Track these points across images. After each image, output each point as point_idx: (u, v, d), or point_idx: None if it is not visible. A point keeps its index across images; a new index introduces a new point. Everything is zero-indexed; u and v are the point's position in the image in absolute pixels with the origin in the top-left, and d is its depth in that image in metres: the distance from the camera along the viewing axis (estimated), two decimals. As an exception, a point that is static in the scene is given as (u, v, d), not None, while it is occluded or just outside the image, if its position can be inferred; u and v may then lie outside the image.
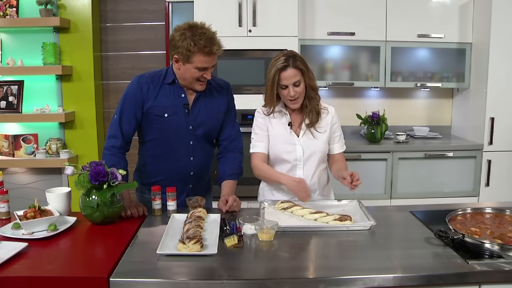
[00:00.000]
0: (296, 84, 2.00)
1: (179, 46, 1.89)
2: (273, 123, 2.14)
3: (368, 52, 3.73)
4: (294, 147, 2.10)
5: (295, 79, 1.99)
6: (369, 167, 3.51)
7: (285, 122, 2.12)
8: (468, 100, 3.80)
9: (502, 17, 3.37)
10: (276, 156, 2.14)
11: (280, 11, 3.33)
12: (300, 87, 2.02)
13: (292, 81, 1.99)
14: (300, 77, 2.01)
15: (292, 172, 2.12)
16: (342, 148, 2.21)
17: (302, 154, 2.10)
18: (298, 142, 2.10)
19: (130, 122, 2.03)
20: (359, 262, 1.50)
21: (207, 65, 1.92)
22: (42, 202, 1.81)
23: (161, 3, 3.74)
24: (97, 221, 1.78)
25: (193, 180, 2.13)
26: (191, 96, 2.05)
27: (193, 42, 1.86)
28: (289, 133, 2.11)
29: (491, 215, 1.79)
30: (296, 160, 2.11)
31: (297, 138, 2.11)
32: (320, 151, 2.13)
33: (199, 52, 1.88)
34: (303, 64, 2.02)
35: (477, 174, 3.57)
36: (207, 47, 1.87)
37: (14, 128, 3.67)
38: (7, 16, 3.48)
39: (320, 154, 2.13)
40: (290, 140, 2.11)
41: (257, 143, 2.15)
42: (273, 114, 2.13)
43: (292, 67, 1.99)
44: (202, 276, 1.39)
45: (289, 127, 2.11)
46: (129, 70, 3.78)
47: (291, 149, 2.10)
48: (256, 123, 2.17)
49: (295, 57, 2.02)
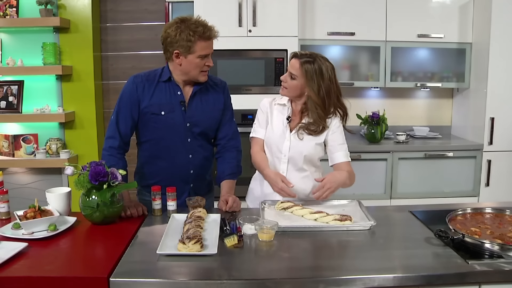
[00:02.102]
0: (291, 76, 2.02)
1: (177, 40, 1.91)
2: (274, 113, 2.15)
3: (368, 52, 3.73)
4: (283, 140, 2.10)
5: (293, 71, 2.01)
6: (369, 167, 3.51)
7: (285, 115, 2.12)
8: (468, 100, 3.80)
9: (502, 17, 3.37)
10: (267, 144, 2.15)
11: (280, 11, 3.33)
12: (294, 82, 2.02)
13: (291, 70, 2.02)
14: (299, 76, 2.00)
15: (276, 165, 2.12)
16: (346, 157, 2.09)
17: (288, 149, 2.09)
18: (288, 137, 2.10)
19: (127, 122, 2.03)
20: (359, 262, 1.50)
21: (209, 51, 1.96)
22: (42, 202, 1.81)
23: (161, 3, 3.74)
24: (97, 221, 1.78)
25: (194, 179, 2.13)
26: (187, 93, 2.06)
27: (191, 31, 1.89)
28: (284, 126, 2.11)
29: (491, 215, 1.79)
30: (281, 154, 2.10)
31: (289, 133, 2.10)
32: (308, 152, 2.08)
33: (200, 39, 1.91)
34: (313, 73, 1.97)
35: (477, 174, 3.57)
36: (206, 32, 1.92)
37: (14, 128, 3.67)
38: (7, 16, 3.48)
39: (306, 155, 2.08)
40: (282, 133, 2.11)
41: (258, 128, 2.17)
42: (278, 105, 2.14)
43: (300, 62, 1.99)
44: (202, 276, 1.39)
45: (287, 121, 2.11)
46: (129, 70, 3.78)
47: (280, 141, 2.10)
48: (260, 111, 2.18)
49: (314, 60, 1.99)
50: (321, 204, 2.01)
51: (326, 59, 2.04)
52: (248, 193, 2.29)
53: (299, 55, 2.02)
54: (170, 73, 2.04)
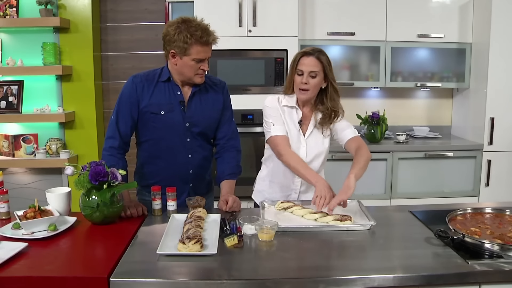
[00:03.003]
0: (312, 74, 1.98)
1: (175, 40, 1.91)
2: (285, 114, 2.10)
3: (368, 52, 3.73)
4: (298, 145, 2.09)
5: (312, 68, 1.98)
6: (369, 167, 3.47)
7: (295, 119, 2.09)
8: (468, 100, 3.80)
9: (502, 17, 3.38)
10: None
11: (280, 11, 3.33)
12: (315, 80, 1.99)
13: (309, 69, 1.98)
14: (319, 70, 1.99)
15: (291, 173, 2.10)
16: (355, 133, 2.10)
17: (305, 155, 2.08)
18: (303, 143, 2.09)
19: (127, 122, 2.04)
20: (359, 262, 1.50)
21: (204, 55, 1.95)
22: (42, 202, 1.81)
23: (161, 3, 3.74)
24: (97, 221, 1.78)
25: (193, 178, 2.13)
26: (187, 93, 2.06)
27: (189, 34, 1.89)
28: (298, 131, 2.09)
29: (491, 215, 1.79)
30: None
31: (303, 137, 2.09)
32: (324, 153, 2.12)
33: (196, 43, 1.90)
34: (328, 62, 2.00)
35: (477, 174, 3.57)
36: (203, 37, 1.90)
37: (14, 128, 3.67)
38: (7, 16, 3.48)
39: (324, 155, 2.13)
40: (296, 138, 2.09)
41: (276, 126, 2.03)
42: (286, 107, 2.10)
43: (315, 57, 1.99)
44: (202, 276, 1.39)
45: (299, 125, 2.09)
46: (129, 70, 3.78)
47: (295, 147, 2.07)
48: (272, 107, 2.08)
49: (321, 52, 2.01)
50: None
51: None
52: (256, 195, 2.26)
53: (310, 52, 2.00)
54: (170, 73, 2.04)
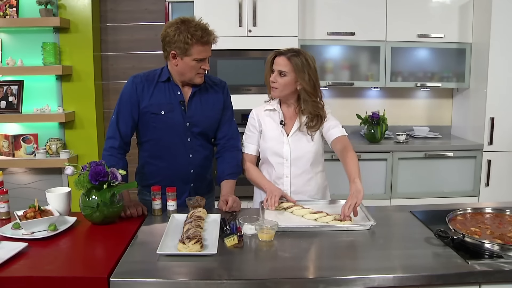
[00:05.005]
0: (281, 73, 2.02)
1: (175, 41, 1.91)
2: (266, 121, 2.15)
3: (368, 52, 3.73)
4: (281, 145, 2.10)
5: (282, 68, 2.01)
6: (369, 167, 3.51)
7: (277, 120, 2.12)
8: (468, 100, 3.80)
9: (502, 17, 3.37)
10: (265, 153, 2.14)
11: (280, 11, 3.33)
12: (284, 79, 2.02)
13: (278, 68, 2.02)
14: (289, 71, 2.00)
15: (279, 170, 2.11)
16: (342, 132, 2.08)
17: (289, 153, 2.09)
18: (286, 141, 2.10)
19: (127, 122, 2.04)
20: (359, 262, 1.50)
21: (205, 55, 1.96)
22: (42, 202, 1.81)
23: (161, 3, 3.74)
24: (97, 221, 1.78)
25: (194, 178, 2.13)
26: (187, 93, 2.06)
27: (189, 34, 1.89)
28: (280, 131, 2.11)
29: (491, 215, 1.79)
30: (282, 159, 2.10)
31: (286, 137, 2.10)
32: (312, 152, 2.10)
33: (197, 43, 1.91)
34: (302, 64, 2.00)
35: (477, 174, 3.57)
36: (204, 37, 1.91)
37: (14, 128, 3.67)
38: (7, 16, 3.48)
39: (311, 155, 2.10)
40: (279, 139, 2.11)
41: (248, 144, 2.18)
42: (268, 111, 2.14)
43: (286, 57, 2.01)
44: (202, 276, 1.39)
45: (281, 125, 2.11)
46: (129, 70, 3.78)
47: (279, 147, 2.10)
48: (249, 123, 2.19)
49: (298, 53, 2.02)
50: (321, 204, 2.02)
51: (306, 51, 2.07)
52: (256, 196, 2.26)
53: (282, 52, 2.04)
54: (169, 73, 2.04)
